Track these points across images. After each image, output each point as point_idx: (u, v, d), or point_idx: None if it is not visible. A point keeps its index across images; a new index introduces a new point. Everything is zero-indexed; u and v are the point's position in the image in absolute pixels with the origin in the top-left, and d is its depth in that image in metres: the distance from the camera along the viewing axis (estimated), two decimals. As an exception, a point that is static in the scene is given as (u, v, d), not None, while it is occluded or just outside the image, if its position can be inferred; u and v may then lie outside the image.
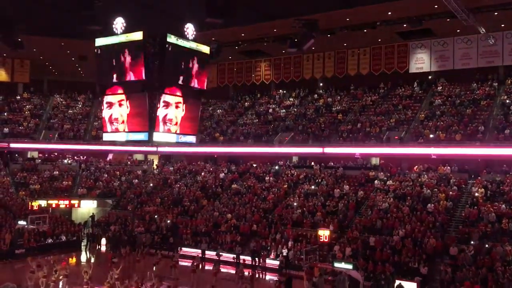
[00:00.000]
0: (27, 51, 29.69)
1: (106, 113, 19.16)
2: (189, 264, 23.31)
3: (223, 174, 36.55)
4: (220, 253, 26.43)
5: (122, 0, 21.62)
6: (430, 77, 36.51)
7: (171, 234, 29.78)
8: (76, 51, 38.02)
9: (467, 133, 29.28)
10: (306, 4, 25.64)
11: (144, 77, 17.74)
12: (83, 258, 28.95)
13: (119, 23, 18.29)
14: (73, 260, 27.47)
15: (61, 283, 20.59)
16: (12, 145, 38.96)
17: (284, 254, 25.08)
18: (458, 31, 31.53)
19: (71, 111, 45.04)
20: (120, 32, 18.25)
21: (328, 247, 24.11)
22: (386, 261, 21.99)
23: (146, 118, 18.03)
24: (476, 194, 25.97)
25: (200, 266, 23.92)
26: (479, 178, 27.52)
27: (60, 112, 44.45)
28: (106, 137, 20.51)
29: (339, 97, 39.31)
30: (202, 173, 37.82)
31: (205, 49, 19.47)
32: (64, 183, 37.72)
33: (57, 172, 39.07)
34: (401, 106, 34.87)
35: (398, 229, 24.28)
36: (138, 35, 17.79)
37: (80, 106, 46.12)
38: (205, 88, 19.96)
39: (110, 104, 18.98)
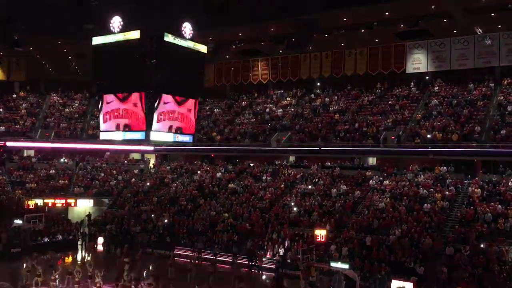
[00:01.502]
0: (23, 49, 29.58)
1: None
2: (186, 263, 23.26)
3: (220, 173, 36.53)
4: (217, 253, 26.41)
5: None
6: (427, 77, 36.58)
7: (168, 233, 29.73)
8: (73, 50, 37.91)
9: (464, 133, 29.34)
10: (304, 4, 25.66)
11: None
12: (79, 257, 28.88)
13: (116, 22, 18.27)
14: (69, 259, 27.38)
15: (57, 282, 20.53)
16: (8, 144, 38.78)
17: (281, 253, 25.09)
18: (455, 31, 31.61)
19: (67, 109, 44.93)
20: (118, 31, 18.24)
21: (325, 247, 24.12)
22: (382, 261, 22.01)
23: (143, 117, 18.06)
24: (473, 194, 26.05)
25: (197, 265, 23.89)
26: (476, 178, 27.63)
27: (56, 111, 44.33)
28: (103, 136, 20.53)
29: (336, 97, 39.35)
30: (199, 172, 37.81)
31: (203, 48, 19.49)
32: (60, 182, 37.61)
33: (54, 171, 38.98)
34: (398, 106, 34.94)
35: (395, 229, 24.35)
36: (135, 34, 17.79)
37: (77, 104, 45.97)
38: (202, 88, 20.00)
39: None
